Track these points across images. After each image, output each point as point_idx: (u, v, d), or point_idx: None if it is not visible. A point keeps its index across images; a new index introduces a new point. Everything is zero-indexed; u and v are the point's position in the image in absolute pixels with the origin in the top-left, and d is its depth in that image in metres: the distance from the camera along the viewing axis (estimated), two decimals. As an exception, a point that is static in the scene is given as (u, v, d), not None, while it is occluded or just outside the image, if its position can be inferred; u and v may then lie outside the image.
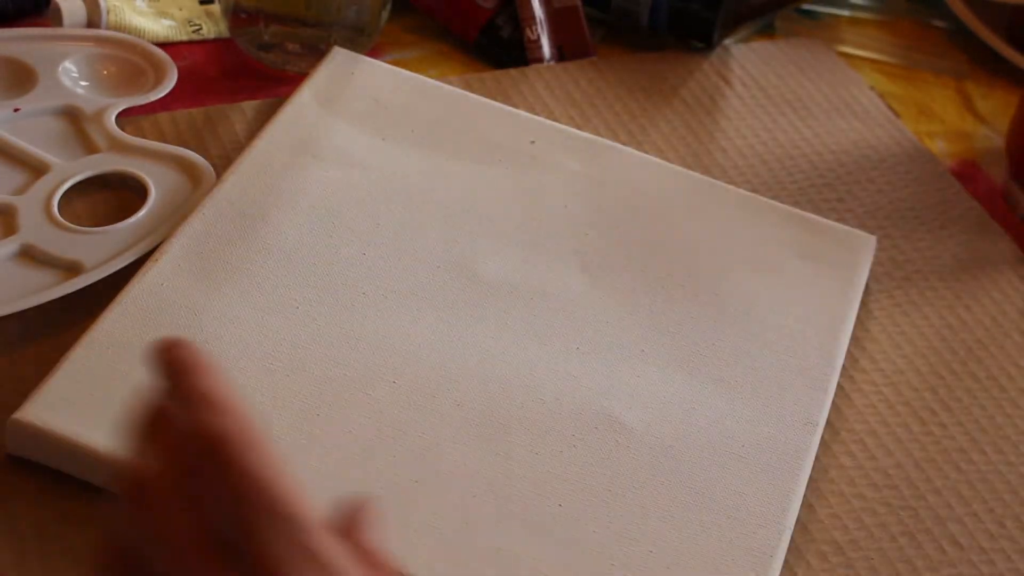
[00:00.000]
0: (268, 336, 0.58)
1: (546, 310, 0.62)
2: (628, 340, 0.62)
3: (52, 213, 0.63)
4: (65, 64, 0.71)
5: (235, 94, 0.74)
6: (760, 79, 0.82)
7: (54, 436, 0.52)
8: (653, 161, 0.72)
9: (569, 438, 0.57)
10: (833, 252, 0.69)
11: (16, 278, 0.60)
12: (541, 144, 0.71)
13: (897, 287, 0.70)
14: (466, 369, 0.59)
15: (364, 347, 0.58)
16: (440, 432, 0.56)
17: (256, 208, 0.64)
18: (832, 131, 0.80)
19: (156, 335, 0.57)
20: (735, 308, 0.65)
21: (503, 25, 0.80)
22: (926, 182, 0.77)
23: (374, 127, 0.70)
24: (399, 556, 0.51)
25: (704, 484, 0.56)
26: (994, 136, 0.83)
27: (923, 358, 0.66)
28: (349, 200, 0.65)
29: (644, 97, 0.79)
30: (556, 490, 0.55)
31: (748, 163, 0.76)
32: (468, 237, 0.65)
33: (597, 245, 0.66)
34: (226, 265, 0.61)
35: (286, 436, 0.54)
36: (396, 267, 0.62)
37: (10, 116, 0.68)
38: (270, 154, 0.66)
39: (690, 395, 0.60)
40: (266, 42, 0.75)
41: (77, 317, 0.59)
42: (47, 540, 0.52)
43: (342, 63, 0.73)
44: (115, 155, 0.67)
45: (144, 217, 0.64)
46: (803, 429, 0.60)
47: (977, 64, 0.89)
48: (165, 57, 0.73)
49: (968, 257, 0.73)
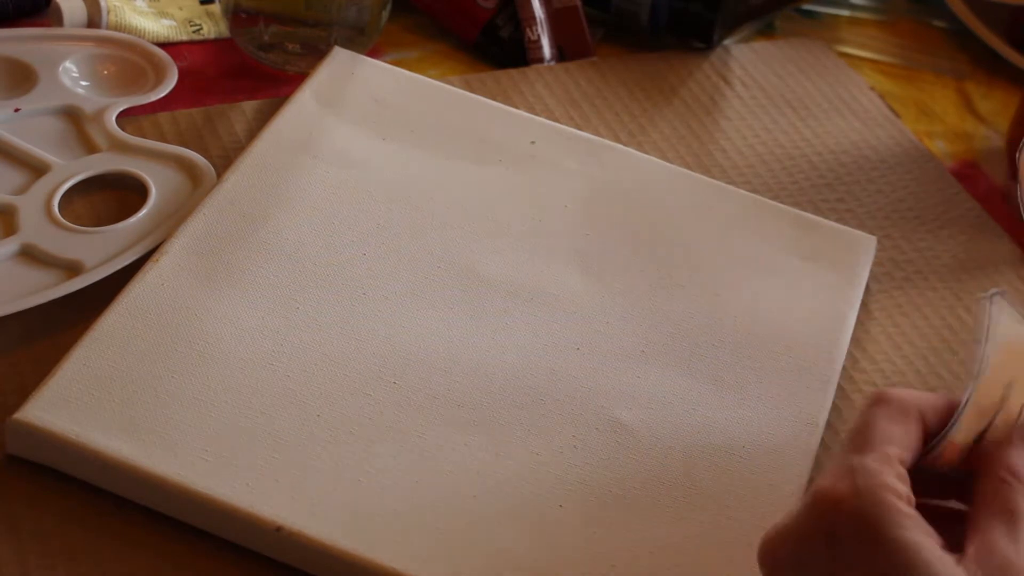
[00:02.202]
0: (268, 336, 0.58)
1: (546, 310, 0.62)
2: (628, 340, 0.62)
3: (52, 213, 0.63)
4: (65, 64, 0.71)
5: (235, 94, 0.74)
6: (760, 79, 0.82)
7: (54, 436, 0.52)
8: (653, 161, 0.72)
9: (569, 438, 0.57)
10: (833, 252, 0.69)
11: (16, 278, 0.60)
12: (541, 144, 0.71)
13: (897, 287, 0.70)
14: (466, 369, 0.59)
15: (365, 347, 0.58)
16: (441, 432, 0.56)
17: (256, 208, 0.64)
18: (832, 131, 0.80)
19: (156, 335, 0.57)
20: (735, 308, 0.65)
21: (503, 25, 0.80)
22: (926, 182, 0.77)
23: (374, 127, 0.70)
24: (399, 556, 0.51)
25: (704, 484, 0.56)
26: (994, 136, 0.83)
27: (923, 358, 0.66)
28: (349, 200, 0.65)
29: (644, 97, 0.79)
30: (556, 490, 0.55)
31: (748, 163, 0.76)
32: (468, 237, 0.65)
33: (597, 245, 0.66)
34: (226, 265, 0.61)
35: (287, 436, 0.54)
36: (396, 267, 0.63)
37: (10, 116, 0.68)
38: (270, 154, 0.66)
39: (690, 395, 0.60)
40: (266, 42, 0.75)
41: (77, 317, 0.59)
42: (47, 540, 0.52)
43: (342, 63, 0.73)
44: (115, 155, 0.67)
45: (144, 217, 0.64)
46: (803, 429, 0.60)
47: (977, 64, 0.89)
48: (165, 57, 0.73)
49: (968, 257, 0.73)
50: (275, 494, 0.52)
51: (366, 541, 0.51)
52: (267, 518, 0.51)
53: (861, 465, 0.44)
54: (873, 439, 0.46)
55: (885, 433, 0.46)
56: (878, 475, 0.44)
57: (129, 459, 0.52)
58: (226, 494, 0.52)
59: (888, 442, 0.46)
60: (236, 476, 0.52)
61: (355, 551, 0.51)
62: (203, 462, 0.53)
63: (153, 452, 0.52)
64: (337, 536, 0.51)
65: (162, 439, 0.53)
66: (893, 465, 0.45)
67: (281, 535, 0.51)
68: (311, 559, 0.51)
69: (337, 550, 0.51)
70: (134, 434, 0.53)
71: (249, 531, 0.52)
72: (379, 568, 0.51)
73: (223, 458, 0.53)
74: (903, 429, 0.46)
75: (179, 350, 0.56)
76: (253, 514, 0.51)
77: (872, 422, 0.47)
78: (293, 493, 0.52)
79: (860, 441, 0.46)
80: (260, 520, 0.51)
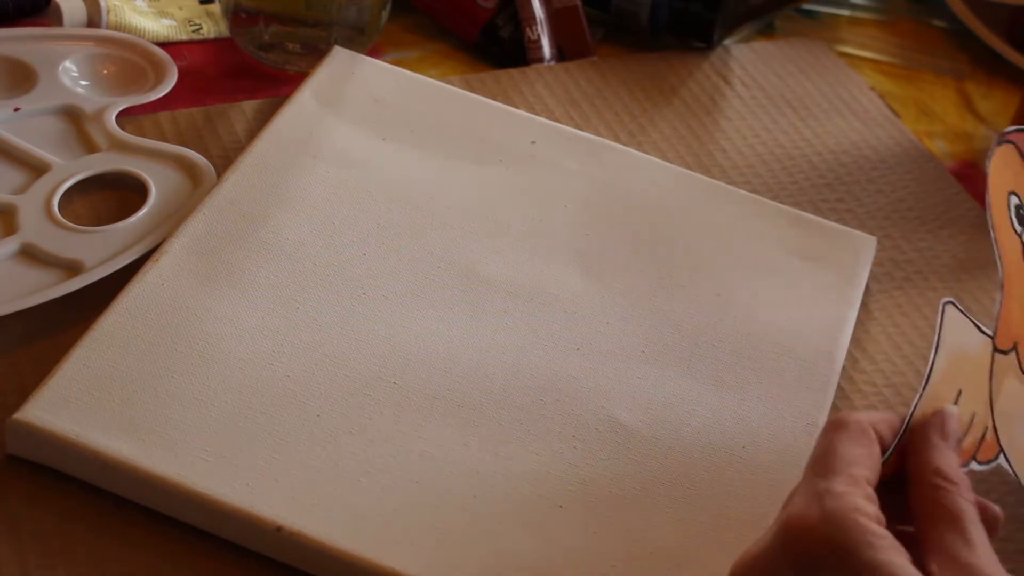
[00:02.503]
0: (268, 336, 0.58)
1: (546, 310, 0.62)
2: (628, 340, 0.62)
3: (52, 212, 0.63)
4: (65, 64, 0.71)
5: (235, 94, 0.74)
6: (760, 79, 0.82)
7: (54, 436, 0.52)
8: (653, 161, 0.72)
9: (569, 439, 0.57)
10: (833, 253, 0.69)
11: (16, 278, 0.60)
12: (541, 144, 0.71)
13: (897, 287, 0.70)
14: (466, 369, 0.59)
15: (365, 347, 0.58)
16: (441, 432, 0.56)
17: (257, 208, 0.64)
18: (832, 131, 0.80)
19: (156, 335, 0.57)
20: (735, 308, 0.65)
21: (503, 25, 0.80)
22: (926, 182, 0.77)
23: (374, 127, 0.70)
24: (399, 556, 0.51)
25: (704, 485, 0.56)
26: (994, 136, 0.83)
27: (923, 358, 0.66)
28: (349, 200, 0.65)
29: (644, 97, 0.79)
30: (556, 491, 0.55)
31: (748, 163, 0.76)
32: (468, 237, 0.65)
33: (597, 245, 0.66)
34: (226, 265, 0.61)
35: (287, 436, 0.54)
36: (396, 267, 0.62)
37: (10, 116, 0.68)
38: (270, 154, 0.66)
39: (690, 395, 0.60)
40: (266, 42, 0.75)
41: (77, 317, 0.59)
42: (47, 540, 0.52)
43: (342, 63, 0.73)
44: (115, 154, 0.67)
45: (144, 217, 0.64)
46: (803, 430, 0.60)
47: (977, 64, 0.89)
48: (165, 57, 0.73)
49: (968, 257, 0.73)
50: (275, 494, 0.52)
51: (366, 541, 0.51)
52: (267, 518, 0.51)
53: (827, 489, 0.44)
54: (837, 462, 0.46)
55: (848, 455, 0.46)
56: (846, 497, 0.44)
57: (129, 459, 0.52)
58: (226, 494, 0.52)
59: (853, 464, 0.46)
60: (236, 476, 0.52)
61: (355, 551, 0.51)
62: (203, 462, 0.53)
63: (153, 452, 0.52)
64: (337, 536, 0.51)
65: (162, 439, 0.53)
66: (861, 486, 0.45)
67: (281, 535, 0.51)
68: (311, 559, 0.51)
69: (337, 550, 0.51)
70: (134, 434, 0.53)
71: (249, 531, 0.52)
72: (379, 568, 0.51)
73: (223, 458, 0.53)
74: (866, 451, 0.47)
75: (179, 350, 0.56)
76: (253, 514, 0.51)
77: (834, 446, 0.46)
78: (293, 493, 0.52)
79: (824, 465, 0.46)
80: (260, 520, 0.51)
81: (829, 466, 0.46)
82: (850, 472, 0.45)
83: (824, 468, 0.46)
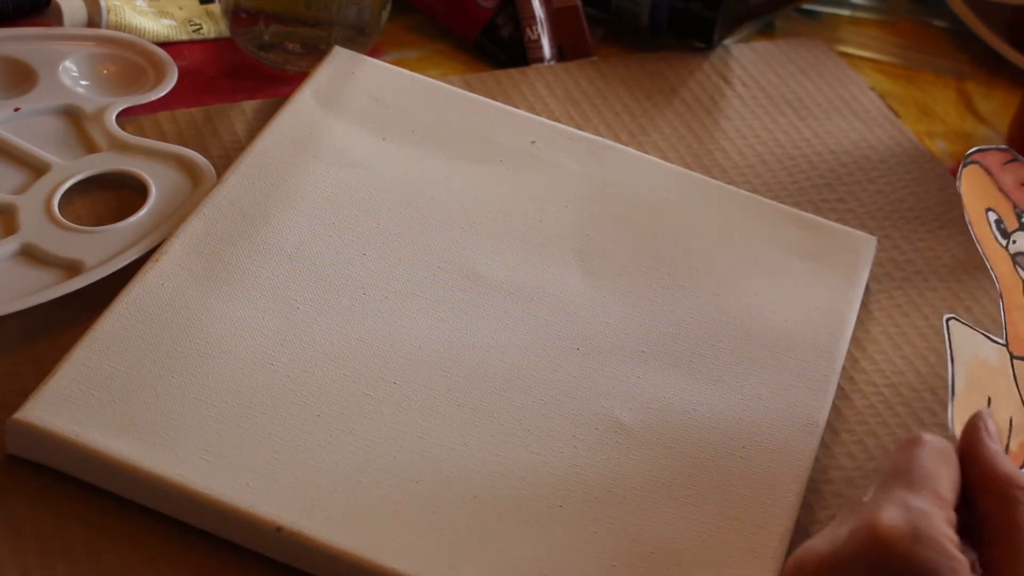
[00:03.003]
0: (268, 336, 0.58)
1: (546, 310, 0.62)
2: (628, 340, 0.62)
3: (52, 212, 0.63)
4: (65, 63, 0.71)
5: (235, 94, 0.74)
6: (760, 79, 0.83)
7: (54, 436, 0.52)
8: (653, 161, 0.72)
9: (569, 439, 0.57)
10: (833, 253, 0.69)
11: (16, 278, 0.60)
12: (541, 144, 0.71)
13: (897, 287, 0.70)
14: (466, 369, 0.59)
15: (365, 347, 0.58)
16: (440, 432, 0.56)
17: (257, 208, 0.64)
18: (832, 131, 0.80)
19: (156, 335, 0.57)
20: (735, 308, 0.65)
21: (503, 25, 0.80)
22: (926, 182, 0.77)
23: (374, 127, 0.70)
24: (399, 556, 0.51)
25: (704, 485, 0.56)
26: (994, 136, 0.83)
27: (923, 358, 0.66)
28: (350, 200, 0.65)
29: (644, 97, 0.79)
30: (556, 490, 0.55)
31: (748, 163, 0.76)
32: (468, 237, 0.65)
33: (597, 245, 0.66)
34: (226, 265, 0.61)
35: (287, 436, 0.54)
36: (396, 267, 0.63)
37: (10, 116, 0.68)
38: (271, 154, 0.66)
39: (690, 395, 0.60)
40: (266, 42, 0.75)
41: (77, 317, 0.59)
42: (47, 540, 0.52)
43: (342, 63, 0.73)
44: (115, 154, 0.67)
45: (144, 216, 0.64)
46: (803, 430, 0.60)
47: (977, 64, 0.89)
48: (165, 56, 0.73)
49: (968, 257, 0.73)
50: (275, 494, 0.52)
51: (366, 541, 0.51)
52: (267, 518, 0.51)
53: (918, 507, 0.44)
54: (922, 478, 0.45)
55: (935, 472, 0.45)
56: (934, 518, 0.43)
57: (129, 459, 0.52)
58: (226, 494, 0.52)
59: (938, 482, 0.45)
60: (236, 476, 0.52)
61: (355, 551, 0.51)
62: (203, 462, 0.53)
63: (153, 452, 0.52)
64: (337, 536, 0.51)
65: (162, 439, 0.53)
66: (946, 509, 0.44)
67: (281, 535, 0.51)
68: (311, 559, 0.51)
69: (337, 550, 0.51)
70: (134, 434, 0.53)
71: (249, 531, 0.52)
72: (379, 568, 0.51)
73: (223, 458, 0.53)
74: (950, 471, 0.46)
75: (179, 350, 0.57)
76: (253, 514, 0.51)
77: (920, 461, 0.46)
78: (293, 493, 0.52)
79: (910, 480, 0.45)
80: (260, 520, 0.51)
81: (916, 481, 0.45)
82: (936, 490, 0.45)
83: (910, 482, 0.45)
